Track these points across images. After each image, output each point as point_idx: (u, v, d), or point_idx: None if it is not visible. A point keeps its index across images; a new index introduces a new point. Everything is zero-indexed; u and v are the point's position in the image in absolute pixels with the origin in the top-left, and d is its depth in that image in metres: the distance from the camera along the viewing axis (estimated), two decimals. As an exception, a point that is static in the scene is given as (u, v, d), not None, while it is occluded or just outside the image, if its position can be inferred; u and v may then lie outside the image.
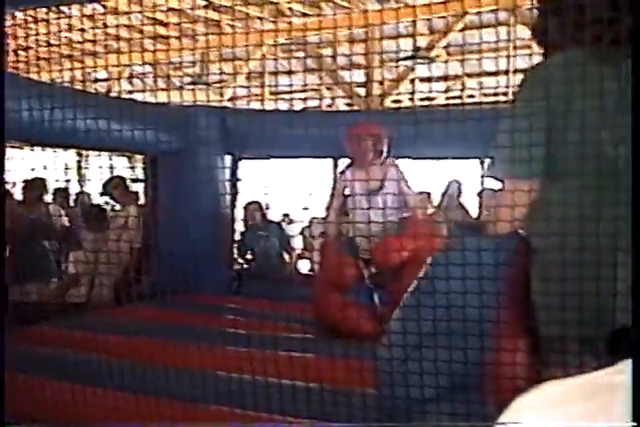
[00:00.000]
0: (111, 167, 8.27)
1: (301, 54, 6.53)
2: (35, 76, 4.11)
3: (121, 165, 8.69)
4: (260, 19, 6.22)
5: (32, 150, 5.83)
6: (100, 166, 8.60)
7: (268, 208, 6.91)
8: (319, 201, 5.43)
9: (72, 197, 7.58)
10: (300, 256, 7.80)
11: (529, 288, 1.78)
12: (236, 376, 3.08)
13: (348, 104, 9.71)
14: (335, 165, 7.28)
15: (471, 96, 12.32)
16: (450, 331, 1.80)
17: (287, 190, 6.79)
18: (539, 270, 1.76)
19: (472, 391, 1.84)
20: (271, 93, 7.43)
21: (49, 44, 2.96)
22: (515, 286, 1.81)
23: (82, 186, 8.36)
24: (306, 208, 8.19)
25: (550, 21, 1.83)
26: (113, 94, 4.92)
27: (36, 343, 3.82)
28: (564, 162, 1.72)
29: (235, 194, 6.52)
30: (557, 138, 1.72)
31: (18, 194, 5.90)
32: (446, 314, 1.80)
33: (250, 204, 6.71)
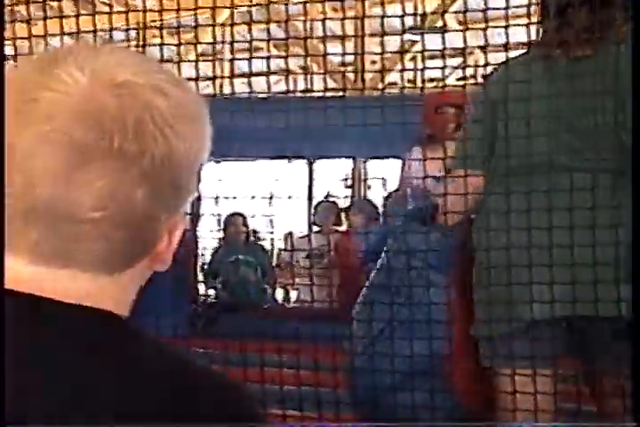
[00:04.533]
0: None
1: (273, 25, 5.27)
2: None
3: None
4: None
5: None
6: None
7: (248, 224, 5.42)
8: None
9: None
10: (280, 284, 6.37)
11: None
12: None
13: (333, 89, 8.50)
14: (310, 165, 6.08)
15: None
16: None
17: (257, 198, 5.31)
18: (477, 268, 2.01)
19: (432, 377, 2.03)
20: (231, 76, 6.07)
21: None
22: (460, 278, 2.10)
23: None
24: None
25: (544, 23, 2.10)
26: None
27: None
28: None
29: (197, 204, 5.07)
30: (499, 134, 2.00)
31: None
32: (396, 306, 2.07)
33: (232, 216, 5.25)
